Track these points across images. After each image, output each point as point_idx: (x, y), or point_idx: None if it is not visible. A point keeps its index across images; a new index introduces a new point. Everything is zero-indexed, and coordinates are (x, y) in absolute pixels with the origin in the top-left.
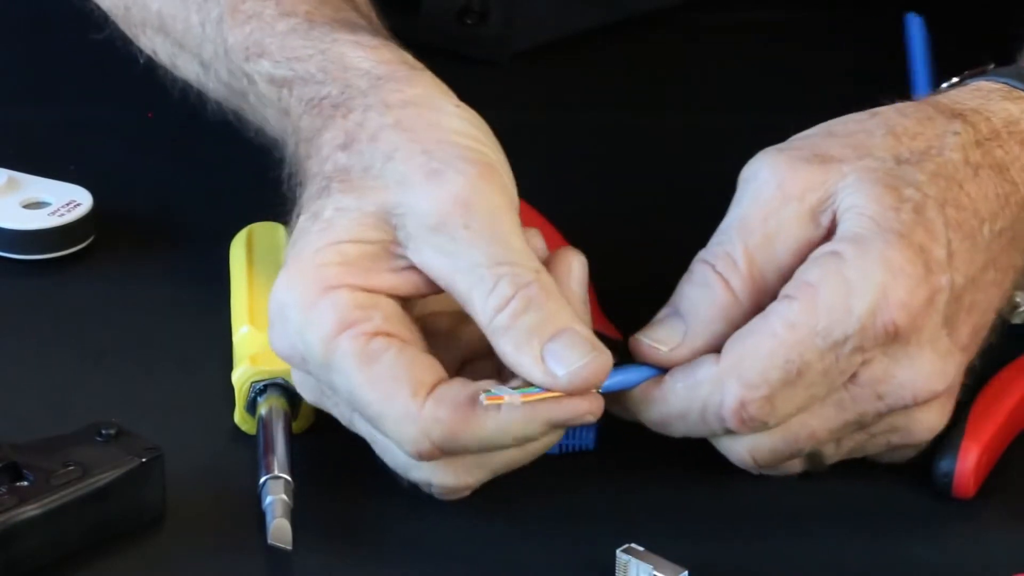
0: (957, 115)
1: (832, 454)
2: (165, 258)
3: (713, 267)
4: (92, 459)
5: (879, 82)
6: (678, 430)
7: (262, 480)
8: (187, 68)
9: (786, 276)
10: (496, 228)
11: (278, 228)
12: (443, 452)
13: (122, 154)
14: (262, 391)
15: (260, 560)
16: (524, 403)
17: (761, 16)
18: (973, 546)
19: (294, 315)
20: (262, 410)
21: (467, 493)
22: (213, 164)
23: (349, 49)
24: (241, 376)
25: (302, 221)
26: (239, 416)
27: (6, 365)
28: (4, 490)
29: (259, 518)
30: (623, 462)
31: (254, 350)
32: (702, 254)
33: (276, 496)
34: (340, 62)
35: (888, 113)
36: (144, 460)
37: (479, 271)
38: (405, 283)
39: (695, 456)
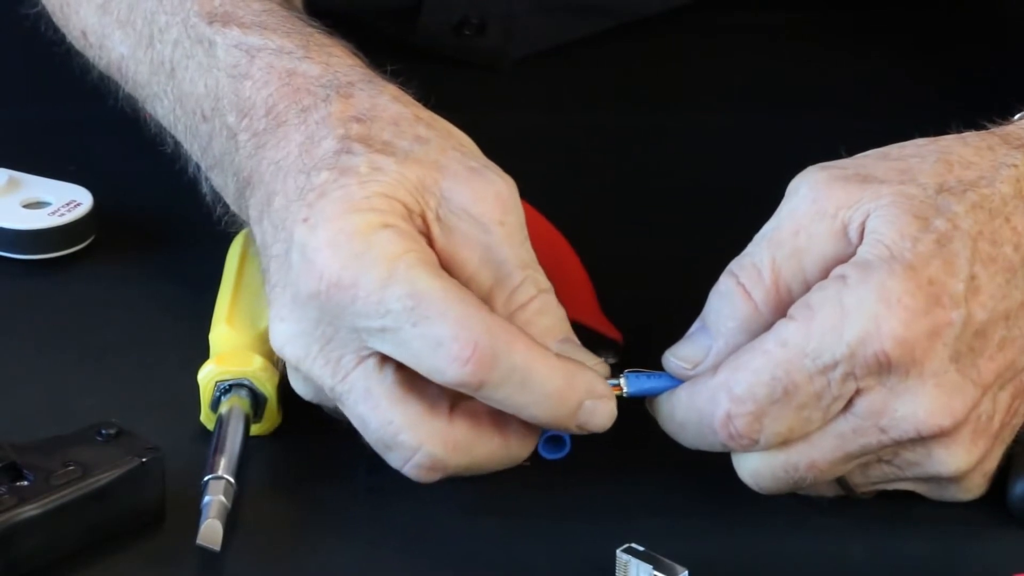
0: (1020, 146)
1: (860, 483)
2: (165, 258)
3: (737, 278)
4: (92, 459)
5: (879, 83)
6: (686, 440)
7: (204, 479)
8: (119, 44)
9: None
10: (524, 235)
11: None
12: (478, 365)
13: (122, 154)
14: (227, 391)
15: (259, 560)
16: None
17: (759, 18)
18: (973, 546)
19: (350, 242)
20: (222, 409)
21: (438, 477)
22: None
23: (327, 41)
24: (206, 375)
25: (326, 176)
26: (204, 415)
27: (6, 365)
28: (4, 490)
29: (258, 518)
30: (622, 462)
31: (222, 349)
32: (730, 265)
33: (214, 496)
34: (323, 49)
35: (949, 140)
36: (144, 460)
37: (507, 267)
38: None
39: (695, 456)
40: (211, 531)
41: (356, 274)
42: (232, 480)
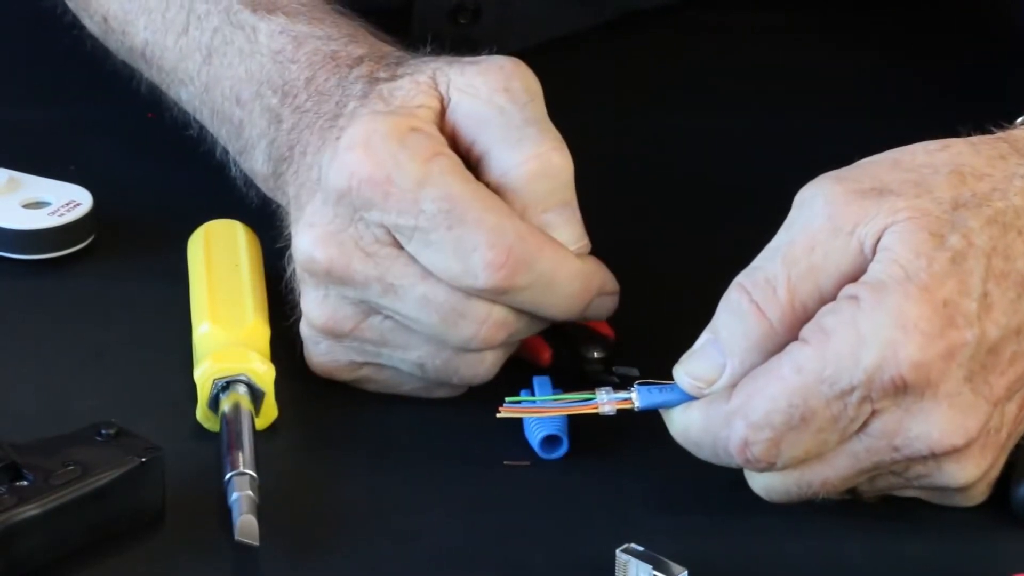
0: None
1: (867, 490)
2: (165, 258)
3: (750, 295)
4: (92, 459)
5: (879, 83)
6: (700, 456)
7: (227, 476)
8: (144, 30)
9: None
10: (528, 99)
11: (235, 225)
12: (511, 271)
13: (122, 154)
14: (224, 388)
15: (260, 560)
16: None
17: (759, 18)
18: (973, 546)
19: (384, 143)
20: (225, 407)
21: (505, 336)
22: (213, 164)
23: (375, 32)
24: (204, 373)
25: (354, 104)
26: (201, 413)
27: (6, 365)
28: (4, 490)
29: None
30: (622, 462)
31: (216, 347)
32: (741, 277)
33: (242, 492)
34: (369, 38)
35: (960, 147)
36: (144, 460)
37: (504, 131)
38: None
39: (695, 456)
40: (248, 526)
41: (390, 171)
42: (255, 475)
